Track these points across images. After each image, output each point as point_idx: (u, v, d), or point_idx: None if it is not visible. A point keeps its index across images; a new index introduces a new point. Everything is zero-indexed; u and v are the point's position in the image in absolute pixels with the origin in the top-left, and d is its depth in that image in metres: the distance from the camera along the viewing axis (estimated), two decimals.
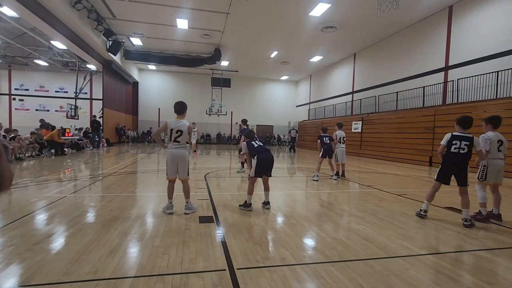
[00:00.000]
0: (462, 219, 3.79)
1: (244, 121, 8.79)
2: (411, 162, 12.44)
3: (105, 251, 2.66)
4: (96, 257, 2.53)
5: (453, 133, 3.89)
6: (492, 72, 10.25)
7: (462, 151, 3.77)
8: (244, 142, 4.49)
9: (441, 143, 3.95)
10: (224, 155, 15.42)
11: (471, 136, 3.82)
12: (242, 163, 8.56)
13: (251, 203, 4.30)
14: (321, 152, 7.57)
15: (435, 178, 4.03)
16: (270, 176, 4.49)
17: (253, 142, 4.42)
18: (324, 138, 7.57)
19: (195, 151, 12.73)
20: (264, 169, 4.35)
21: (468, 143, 3.76)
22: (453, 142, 3.81)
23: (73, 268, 2.31)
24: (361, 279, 2.27)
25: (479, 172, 4.05)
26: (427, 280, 2.28)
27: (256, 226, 3.55)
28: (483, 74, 10.58)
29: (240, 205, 4.39)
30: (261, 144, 4.46)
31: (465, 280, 2.31)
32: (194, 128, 11.64)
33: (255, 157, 4.30)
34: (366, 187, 6.58)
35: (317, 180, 7.25)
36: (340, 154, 7.67)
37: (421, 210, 4.15)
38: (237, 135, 28.85)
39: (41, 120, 15.40)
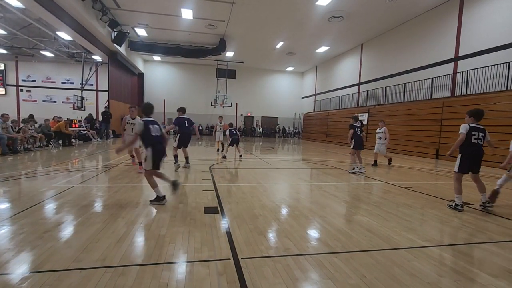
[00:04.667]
0: (483, 202, 4.04)
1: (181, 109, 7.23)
2: (417, 155, 12.32)
3: (113, 239, 2.73)
4: (104, 245, 2.59)
5: (470, 125, 4.02)
6: (503, 63, 9.99)
7: (480, 142, 3.97)
8: (140, 121, 3.95)
9: (462, 132, 3.99)
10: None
11: (483, 127, 4.04)
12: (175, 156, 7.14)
13: (164, 196, 3.97)
14: (352, 144, 7.31)
15: (457, 170, 4.08)
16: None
17: (150, 126, 3.89)
18: (357, 129, 7.31)
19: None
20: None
21: (483, 134, 3.98)
22: (473, 133, 3.95)
23: (82, 256, 2.38)
24: (364, 269, 2.29)
25: None
26: (430, 272, 2.29)
27: (261, 217, 3.58)
28: (494, 65, 10.32)
29: (151, 200, 3.98)
30: (158, 135, 3.99)
31: (468, 272, 2.31)
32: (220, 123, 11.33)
33: (150, 147, 3.88)
34: (371, 179, 6.56)
35: (357, 172, 7.11)
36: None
37: (456, 205, 4.09)
38: (242, 127, 28.85)
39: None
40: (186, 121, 7.03)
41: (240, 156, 9.62)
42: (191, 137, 7.21)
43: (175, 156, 7.06)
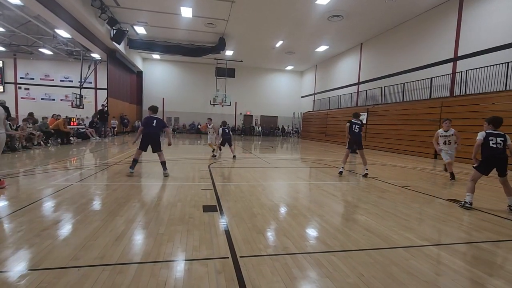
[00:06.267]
0: (509, 205, 4.13)
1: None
2: (416, 154, 12.35)
3: (111, 237, 2.72)
4: (102, 243, 2.59)
5: (487, 131, 4.20)
6: (502, 63, 10.02)
7: (499, 146, 4.10)
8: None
9: (478, 138, 4.21)
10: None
11: (503, 133, 4.19)
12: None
13: None
14: (347, 143, 6.69)
15: (476, 167, 4.23)
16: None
17: None
18: (354, 126, 6.60)
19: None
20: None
21: (503, 139, 4.12)
22: (490, 138, 4.13)
23: (80, 254, 2.37)
24: (362, 268, 2.30)
25: None
26: (427, 271, 2.30)
27: (259, 215, 3.59)
28: (493, 65, 10.34)
29: None
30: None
31: (466, 271, 2.32)
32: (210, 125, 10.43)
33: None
34: (370, 178, 6.57)
35: (341, 172, 6.71)
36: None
37: (465, 202, 4.23)
38: (241, 126, 28.84)
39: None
40: (154, 121, 5.95)
41: (234, 156, 9.31)
42: (158, 139, 5.97)
43: (134, 160, 5.87)
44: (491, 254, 2.70)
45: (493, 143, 4.09)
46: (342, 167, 6.86)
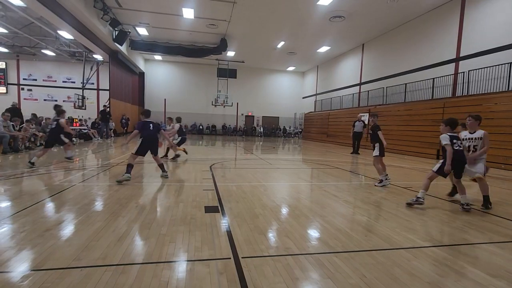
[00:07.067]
0: (461, 204, 4.10)
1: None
2: (418, 155, 12.31)
3: (114, 238, 2.73)
4: (105, 243, 2.60)
5: (449, 134, 4.20)
6: (505, 64, 9.97)
7: (460, 148, 4.15)
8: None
9: (447, 143, 4.10)
10: (229, 146, 15.48)
11: (457, 135, 4.31)
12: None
13: None
14: (379, 149, 5.80)
15: (435, 171, 4.21)
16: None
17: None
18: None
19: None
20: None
21: (460, 141, 4.20)
22: (453, 141, 4.12)
23: (83, 254, 2.38)
24: (364, 269, 2.29)
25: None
26: (430, 272, 2.30)
27: (261, 216, 3.59)
28: (495, 65, 10.30)
29: None
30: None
31: (468, 272, 2.32)
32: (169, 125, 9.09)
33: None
34: (372, 179, 6.55)
35: (387, 184, 5.71)
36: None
37: (418, 198, 4.22)
38: (242, 127, 28.86)
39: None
40: (151, 125, 5.74)
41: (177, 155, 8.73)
42: (157, 141, 5.85)
43: (129, 166, 5.30)
44: (494, 255, 2.68)
45: (457, 146, 4.11)
46: (387, 174, 5.76)
